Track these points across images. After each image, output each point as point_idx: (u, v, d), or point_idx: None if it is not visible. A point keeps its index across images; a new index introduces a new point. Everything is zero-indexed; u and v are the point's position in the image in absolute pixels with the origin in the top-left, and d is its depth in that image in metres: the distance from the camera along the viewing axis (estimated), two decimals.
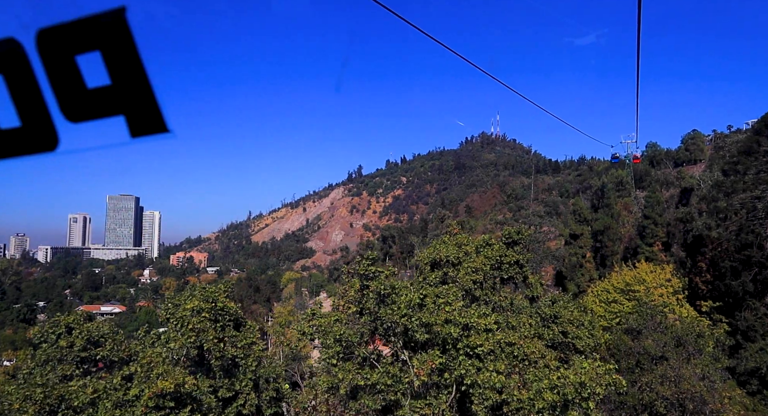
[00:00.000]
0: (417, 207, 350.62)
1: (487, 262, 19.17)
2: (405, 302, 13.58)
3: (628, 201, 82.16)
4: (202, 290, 15.12)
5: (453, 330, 13.30)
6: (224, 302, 14.64)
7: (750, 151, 41.21)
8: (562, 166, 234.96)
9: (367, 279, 14.67)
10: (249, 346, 14.66)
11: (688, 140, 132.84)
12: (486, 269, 18.44)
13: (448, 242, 21.55)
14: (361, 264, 14.93)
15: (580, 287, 63.11)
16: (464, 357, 13.35)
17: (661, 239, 59.16)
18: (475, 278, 17.37)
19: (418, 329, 13.34)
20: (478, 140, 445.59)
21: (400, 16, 7.16)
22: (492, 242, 20.24)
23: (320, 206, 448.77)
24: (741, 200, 42.81)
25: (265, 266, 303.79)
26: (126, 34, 1.66)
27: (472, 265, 17.78)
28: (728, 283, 41.53)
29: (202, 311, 13.64)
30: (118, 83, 1.69)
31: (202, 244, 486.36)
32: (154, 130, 1.82)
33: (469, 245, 20.09)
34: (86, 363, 14.64)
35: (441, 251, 20.30)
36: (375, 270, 14.67)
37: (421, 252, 21.03)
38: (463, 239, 20.63)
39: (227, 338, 14.39)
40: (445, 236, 21.88)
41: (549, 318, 21.30)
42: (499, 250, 19.81)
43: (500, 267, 19.48)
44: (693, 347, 31.45)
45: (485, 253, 19.66)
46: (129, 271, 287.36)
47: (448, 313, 13.73)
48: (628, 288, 48.84)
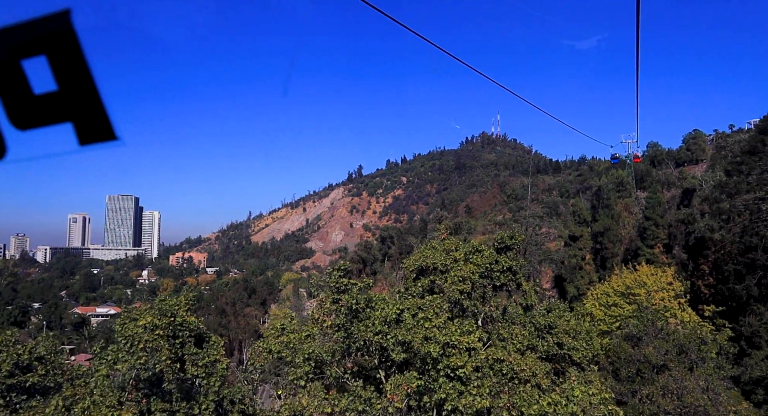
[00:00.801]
0: (417, 207, 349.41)
1: (476, 270, 17.91)
2: (380, 317, 12.37)
3: (629, 202, 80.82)
4: (161, 303, 13.84)
5: (433, 349, 12.07)
6: (184, 317, 13.37)
7: (754, 150, 39.90)
8: (563, 166, 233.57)
9: (338, 292, 13.47)
10: (212, 364, 13.40)
11: (689, 140, 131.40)
12: (475, 278, 17.18)
13: (437, 247, 20.33)
14: (332, 276, 13.73)
15: (579, 289, 61.85)
16: (445, 379, 12.13)
17: (663, 241, 57.87)
18: (462, 288, 16.11)
19: (395, 347, 12.13)
20: (479, 140, 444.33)
21: (399, 22, 6.81)
22: (482, 248, 18.98)
23: (320, 206, 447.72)
24: (744, 201, 41.50)
25: (265, 267, 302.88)
26: (72, 38, 1.61)
27: (459, 274, 16.52)
28: (732, 287, 40.24)
29: (156, 327, 12.34)
30: (65, 89, 1.63)
31: (202, 244, 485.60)
32: (102, 137, 1.75)
33: (458, 252, 18.83)
34: (14, 390, 13.23)
35: (428, 257, 19.08)
36: (347, 283, 13.45)
37: (407, 259, 19.80)
38: (452, 244, 19.38)
39: (187, 356, 13.16)
40: (433, 240, 20.61)
41: (543, 328, 20.10)
42: (489, 256, 18.56)
43: (490, 275, 18.22)
44: (696, 355, 30.19)
45: (474, 260, 18.42)
46: (128, 272, 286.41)
47: (427, 330, 12.51)
48: (629, 291, 47.58)
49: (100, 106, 1.69)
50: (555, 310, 22.79)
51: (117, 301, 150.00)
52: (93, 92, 1.66)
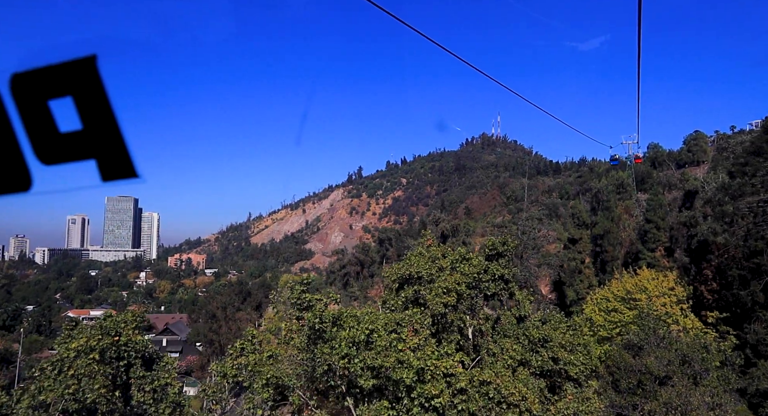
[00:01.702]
0: (417, 209, 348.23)
1: (463, 279, 16.48)
2: (347, 338, 10.96)
3: (629, 204, 79.39)
4: (105, 321, 12.41)
5: (406, 375, 10.66)
6: (130, 336, 11.96)
7: (759, 151, 38.49)
8: (563, 167, 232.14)
9: (300, 309, 12.08)
10: (162, 389, 12.01)
11: (690, 141, 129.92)
12: (462, 289, 15.74)
13: (425, 253, 18.94)
14: (294, 291, 12.33)
15: (578, 294, 60.37)
16: (420, 410, 10.72)
17: (664, 244, 56.40)
18: (446, 300, 14.67)
19: (363, 373, 10.73)
20: (479, 141, 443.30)
21: (402, 20, 6.80)
22: (469, 256, 17.55)
23: (320, 207, 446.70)
24: (748, 203, 40.10)
25: (264, 268, 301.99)
26: (96, 81, 1.71)
27: (444, 284, 15.09)
28: (736, 293, 38.78)
29: (92, 350, 10.90)
30: (90, 128, 1.74)
31: (201, 245, 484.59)
32: (123, 175, 1.87)
33: (444, 260, 17.40)
34: None
35: (411, 266, 17.67)
36: (310, 299, 12.05)
37: (389, 267, 18.38)
38: (438, 251, 17.95)
39: (134, 380, 11.75)
40: (418, 247, 19.21)
41: (538, 341, 18.68)
42: (478, 265, 17.14)
43: (478, 285, 16.78)
44: (700, 365, 28.73)
45: (462, 269, 16.98)
46: (126, 273, 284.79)
47: (400, 353, 11.09)
48: (629, 297, 46.14)
49: (122, 146, 1.82)
50: (550, 321, 21.41)
51: (113, 303, 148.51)
52: (116, 133, 1.79)
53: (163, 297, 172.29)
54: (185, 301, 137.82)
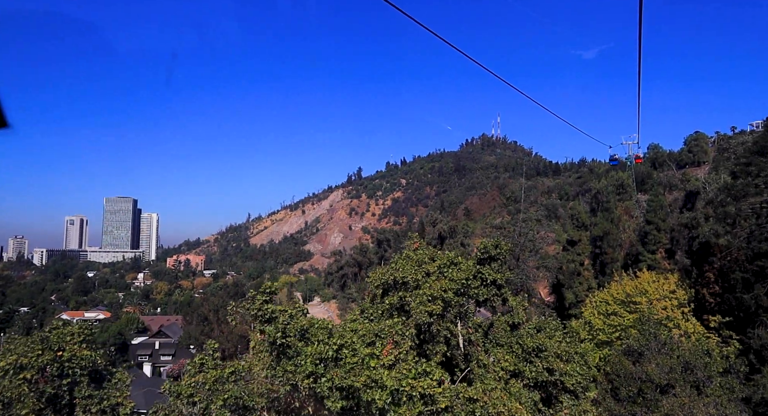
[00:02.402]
0: (416, 210, 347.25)
1: (450, 286, 15.32)
2: (313, 354, 9.84)
3: (629, 205, 78.31)
4: (47, 333, 11.19)
5: (378, 397, 9.53)
6: (75, 350, 10.76)
7: (763, 151, 37.35)
8: (563, 168, 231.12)
9: (262, 322, 10.97)
10: (113, 409, 10.84)
11: (690, 142, 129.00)
12: (449, 296, 14.59)
13: (413, 256, 17.80)
14: (255, 301, 11.20)
15: (578, 296, 59.23)
16: None
17: (665, 246, 55.25)
18: (431, 309, 13.52)
19: (331, 394, 9.60)
20: (479, 142, 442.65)
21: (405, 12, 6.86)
22: (458, 260, 16.40)
23: (319, 208, 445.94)
24: (752, 204, 38.84)
25: (262, 269, 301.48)
26: None
27: (429, 292, 13.95)
28: (739, 296, 37.60)
29: (23, 368, 9.68)
30: None
31: (200, 246, 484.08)
32: None
33: (431, 264, 16.25)
34: None
35: (397, 271, 16.55)
36: (273, 310, 10.92)
37: (372, 272, 17.24)
38: (424, 255, 16.80)
39: (79, 400, 10.58)
40: (404, 250, 18.07)
41: (532, 350, 17.54)
42: (466, 270, 15.99)
43: (467, 292, 15.63)
44: (703, 373, 27.57)
45: (450, 274, 15.83)
46: (123, 274, 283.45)
47: (373, 371, 9.95)
48: (629, 300, 45.00)
49: None
50: (546, 328, 20.25)
51: (108, 305, 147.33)
52: None
53: (160, 299, 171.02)
54: (181, 303, 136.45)
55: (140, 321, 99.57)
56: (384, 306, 16.36)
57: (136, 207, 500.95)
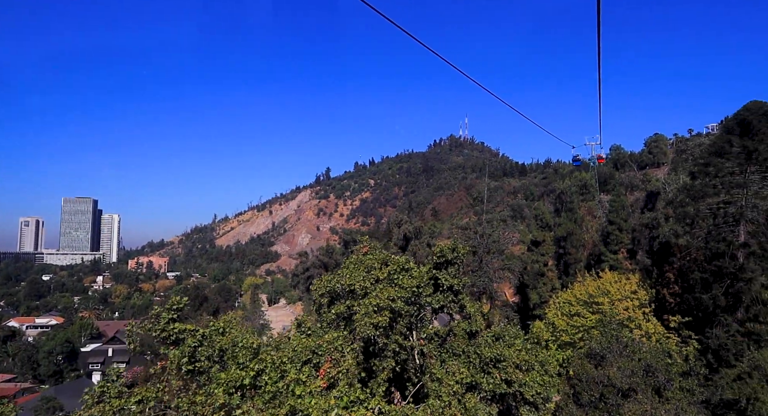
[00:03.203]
0: (385, 210, 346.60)
1: (401, 294, 14.07)
2: (227, 381, 8.46)
3: (592, 205, 79.15)
4: None
5: None
6: None
7: (721, 152, 37.58)
8: (529, 169, 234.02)
9: (167, 344, 9.52)
10: None
11: (650, 143, 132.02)
12: (398, 305, 13.34)
13: (363, 262, 16.53)
14: (160, 320, 9.73)
15: (542, 297, 59.17)
16: None
17: (626, 246, 55.66)
18: (377, 320, 12.26)
19: None
20: (447, 143, 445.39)
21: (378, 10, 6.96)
22: (409, 265, 15.20)
23: (287, 208, 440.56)
24: (709, 205, 39.11)
25: (228, 271, 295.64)
26: None
27: (375, 302, 12.69)
28: (698, 296, 37.77)
29: None
30: None
31: (164, 248, 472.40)
32: None
33: (381, 271, 15.00)
34: None
35: (343, 278, 15.25)
36: (180, 330, 9.47)
37: (317, 280, 15.92)
38: (374, 260, 15.54)
39: None
40: (353, 255, 16.78)
41: (490, 361, 16.47)
42: (418, 277, 14.79)
43: (418, 300, 14.43)
44: (663, 375, 27.24)
45: (400, 281, 14.61)
46: (82, 277, 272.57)
47: (298, 400, 8.62)
48: (592, 300, 44.93)
49: None
50: (505, 336, 19.20)
51: (62, 310, 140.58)
52: None
53: (119, 303, 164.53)
54: (139, 306, 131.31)
55: (95, 326, 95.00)
56: (330, 316, 15.04)
57: (96, 208, 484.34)
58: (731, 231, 37.73)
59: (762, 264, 35.74)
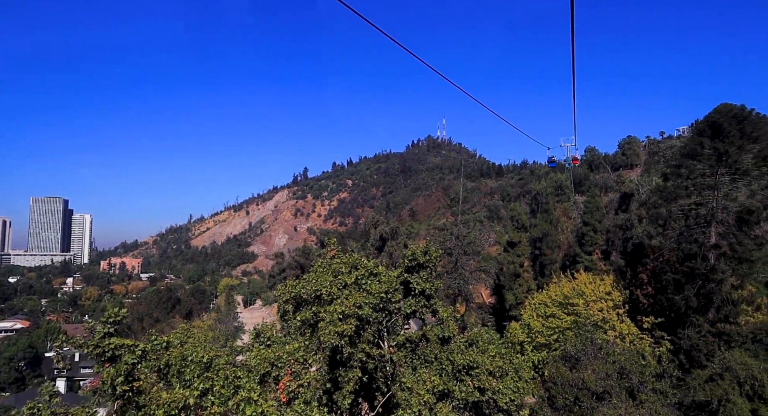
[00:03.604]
0: (362, 210, 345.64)
1: (369, 300, 13.40)
2: (168, 402, 7.69)
3: (567, 206, 79.77)
4: None
5: None
6: None
7: (693, 154, 37.91)
8: (506, 170, 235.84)
9: (102, 361, 8.69)
10: None
11: (624, 145, 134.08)
12: (366, 312, 12.67)
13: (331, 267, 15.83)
14: (95, 334, 8.84)
15: (518, 298, 59.19)
16: None
17: (601, 247, 56.05)
18: (342, 329, 11.57)
19: None
20: (424, 143, 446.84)
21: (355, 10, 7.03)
22: (378, 270, 14.54)
23: (264, 209, 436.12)
24: (681, 206, 39.46)
25: (203, 272, 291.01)
26: None
27: (340, 309, 12.01)
28: (671, 297, 38.04)
29: None
30: None
31: (138, 248, 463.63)
32: None
33: (349, 275, 14.31)
34: None
35: (309, 283, 14.52)
36: (116, 346, 8.64)
37: (281, 285, 15.17)
38: (342, 264, 14.85)
39: None
40: (320, 259, 16.05)
41: (462, 368, 15.91)
42: (387, 281, 14.14)
43: (387, 306, 13.79)
44: (637, 377, 27.17)
45: (368, 286, 13.94)
46: (51, 279, 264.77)
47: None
48: (567, 301, 45.03)
49: None
50: (479, 341, 18.66)
51: (29, 313, 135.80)
52: None
53: (89, 305, 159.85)
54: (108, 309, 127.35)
55: (62, 330, 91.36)
56: (296, 323, 14.29)
57: (66, 208, 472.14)
58: (702, 232, 38.11)
59: (732, 265, 36.16)
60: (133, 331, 61.70)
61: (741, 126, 36.36)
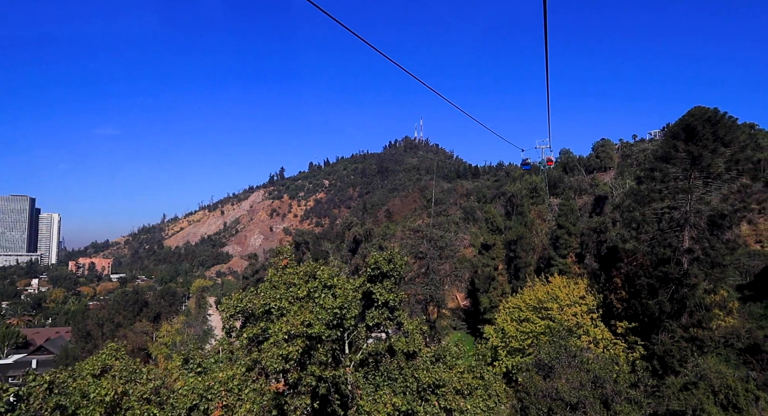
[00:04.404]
0: (339, 211, 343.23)
1: (322, 316, 12.03)
2: None
3: (542, 209, 79.57)
4: None
5: None
6: None
7: (667, 157, 37.52)
8: (482, 171, 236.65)
9: None
10: None
11: (598, 148, 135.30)
12: (317, 331, 11.29)
13: (284, 277, 14.42)
14: None
15: (492, 301, 58.44)
16: None
17: (575, 251, 55.69)
18: (288, 351, 10.17)
19: None
20: (402, 144, 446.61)
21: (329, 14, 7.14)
22: (333, 281, 13.19)
23: (239, 209, 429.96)
24: (655, 210, 39.13)
25: (176, 273, 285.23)
26: None
27: (286, 328, 10.61)
28: (644, 302, 37.62)
29: None
30: None
31: (109, 248, 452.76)
32: None
33: (300, 289, 12.91)
34: None
35: (258, 296, 13.09)
36: None
37: (226, 298, 13.70)
38: (294, 275, 13.44)
39: None
40: (271, 269, 14.61)
41: (428, 386, 14.67)
42: (342, 295, 12.79)
43: (341, 323, 12.44)
44: (612, 387, 26.40)
45: (322, 300, 12.57)
46: (15, 280, 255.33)
47: None
48: (541, 306, 44.42)
49: None
50: (446, 356, 17.41)
51: None
52: None
53: (53, 308, 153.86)
54: (73, 312, 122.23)
55: (21, 335, 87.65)
56: (242, 341, 12.83)
57: (33, 207, 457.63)
58: (676, 236, 37.81)
59: (705, 269, 35.89)
60: (93, 336, 58.79)
61: (714, 129, 36.11)
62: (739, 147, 35.86)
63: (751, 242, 60.31)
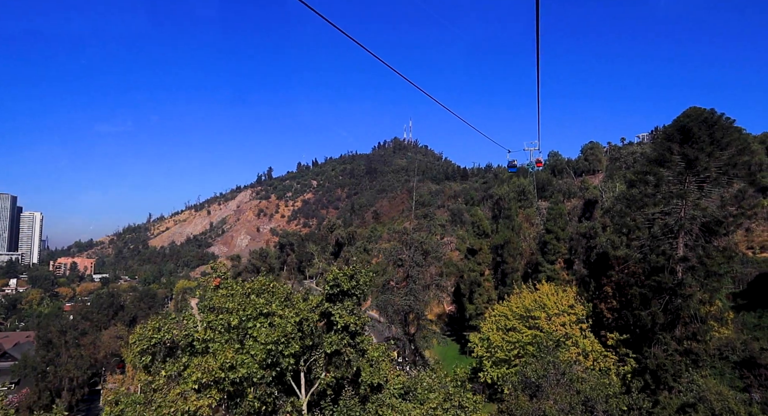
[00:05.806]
0: (327, 212, 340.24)
1: (256, 351, 9.59)
2: None
3: (530, 212, 77.65)
4: None
5: None
6: None
7: (662, 159, 35.54)
8: (470, 173, 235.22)
9: None
10: None
11: (587, 150, 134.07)
12: (245, 373, 8.86)
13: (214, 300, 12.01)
14: None
15: (478, 308, 56.38)
16: None
17: (564, 256, 53.70)
18: (196, 407, 7.76)
19: None
20: (391, 145, 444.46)
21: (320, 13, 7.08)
22: (273, 308, 10.75)
23: (226, 209, 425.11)
24: (647, 215, 37.10)
25: (160, 273, 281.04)
26: None
27: (196, 375, 8.17)
28: (636, 313, 35.61)
29: None
30: None
31: (93, 248, 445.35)
32: None
33: (232, 316, 10.45)
34: None
35: (179, 325, 10.62)
36: None
37: (140, 326, 11.25)
38: (224, 299, 11.01)
39: None
40: (199, 291, 12.15)
41: None
42: (281, 326, 10.34)
43: (278, 360, 10.01)
44: (603, 407, 24.26)
45: (255, 332, 10.14)
46: None
47: None
48: (528, 314, 42.31)
49: None
50: (417, 389, 15.04)
51: None
52: None
53: (29, 309, 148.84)
54: (46, 315, 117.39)
55: None
56: (159, 382, 10.31)
57: (15, 205, 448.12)
58: (670, 244, 35.86)
59: (700, 279, 33.95)
60: (54, 345, 55.38)
61: (711, 131, 34.19)
62: (737, 150, 33.92)
63: (743, 248, 58.81)
